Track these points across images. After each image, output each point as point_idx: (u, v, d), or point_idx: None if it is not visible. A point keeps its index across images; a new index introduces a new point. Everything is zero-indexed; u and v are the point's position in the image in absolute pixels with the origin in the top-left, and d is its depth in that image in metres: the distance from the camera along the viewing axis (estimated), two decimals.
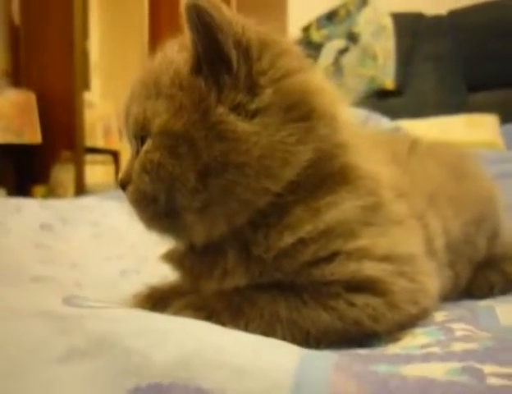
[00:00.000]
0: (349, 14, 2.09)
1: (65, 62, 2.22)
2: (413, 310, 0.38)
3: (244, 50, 0.36)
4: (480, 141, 1.61)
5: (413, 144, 0.58)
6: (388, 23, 2.04)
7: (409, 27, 2.07)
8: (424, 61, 2.04)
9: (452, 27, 2.04)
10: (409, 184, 0.48)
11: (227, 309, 0.36)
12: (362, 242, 0.37)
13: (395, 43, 2.03)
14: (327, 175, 0.37)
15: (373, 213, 0.38)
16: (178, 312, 0.37)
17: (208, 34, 0.35)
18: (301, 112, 0.36)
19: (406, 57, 2.04)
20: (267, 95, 0.35)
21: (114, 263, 0.76)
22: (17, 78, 2.31)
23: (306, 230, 0.35)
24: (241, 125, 0.35)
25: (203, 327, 0.30)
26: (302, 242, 0.36)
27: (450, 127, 1.73)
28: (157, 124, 0.36)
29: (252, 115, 0.35)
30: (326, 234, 0.36)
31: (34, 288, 0.54)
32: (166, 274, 0.49)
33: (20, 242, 0.81)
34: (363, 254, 0.36)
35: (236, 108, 0.35)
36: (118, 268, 0.71)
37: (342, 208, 0.36)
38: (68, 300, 0.31)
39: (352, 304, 0.35)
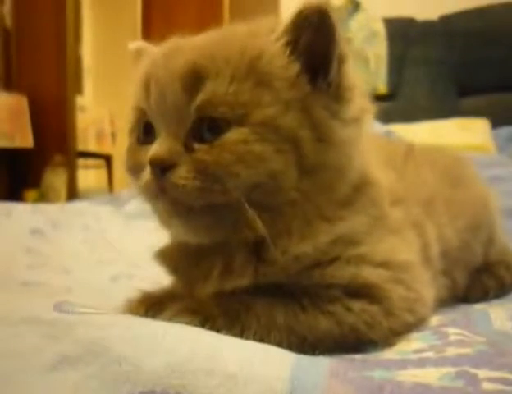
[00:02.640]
0: (340, 19, 2.10)
1: (57, 66, 2.21)
2: (410, 319, 0.38)
3: (341, 63, 0.37)
4: (471, 145, 1.62)
5: (409, 150, 0.58)
6: (380, 28, 2.05)
7: (400, 32, 2.08)
8: (416, 65, 2.06)
9: (443, 32, 2.06)
10: (405, 189, 0.48)
11: (223, 314, 0.36)
12: (362, 249, 0.38)
13: (387, 47, 2.05)
14: (351, 186, 0.40)
15: (375, 223, 0.40)
16: (173, 316, 0.36)
17: (322, 38, 0.36)
18: (361, 128, 0.39)
19: (398, 62, 2.06)
20: (354, 109, 0.38)
21: (105, 268, 0.75)
22: (9, 81, 2.29)
23: (321, 240, 0.37)
24: (340, 131, 0.37)
25: (195, 333, 0.29)
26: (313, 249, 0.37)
27: (442, 131, 1.75)
28: (261, 114, 0.35)
29: (345, 124, 0.37)
30: (334, 242, 0.37)
31: (25, 294, 0.54)
32: (159, 279, 0.49)
33: (9, 247, 0.80)
34: (361, 260, 0.38)
35: (333, 115, 0.37)
36: (109, 273, 0.71)
37: (353, 220, 0.38)
38: (58, 306, 0.31)
39: (349, 310, 0.36)
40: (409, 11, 2.11)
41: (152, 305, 0.41)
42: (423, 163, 0.56)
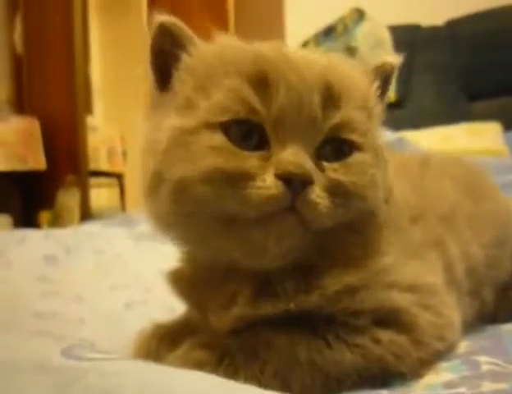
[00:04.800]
0: (346, 29, 2.10)
1: (67, 88, 2.24)
2: (440, 347, 0.36)
3: None
4: (483, 149, 1.59)
5: (425, 161, 0.56)
6: (386, 36, 2.04)
7: (406, 39, 2.07)
8: (423, 72, 2.04)
9: (449, 37, 2.04)
10: (423, 204, 0.46)
11: (242, 350, 0.33)
12: (390, 277, 0.37)
13: (394, 55, 2.03)
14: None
15: (399, 248, 0.39)
16: (188, 352, 0.34)
17: (385, 86, 0.42)
18: None
19: (405, 69, 2.04)
20: None
21: (118, 294, 0.74)
22: (20, 105, 2.33)
23: (364, 274, 0.36)
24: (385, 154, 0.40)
25: (208, 381, 0.28)
26: None
27: (453, 136, 1.72)
28: (374, 143, 0.38)
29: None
30: (373, 274, 0.37)
31: (36, 329, 0.53)
32: (172, 305, 0.47)
33: (23, 275, 0.79)
34: (390, 286, 0.36)
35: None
36: (123, 299, 0.69)
37: (390, 254, 0.38)
38: (67, 352, 0.29)
39: (377, 341, 0.34)
40: (414, 17, 2.10)
41: (164, 339, 0.40)
42: (441, 176, 0.53)
